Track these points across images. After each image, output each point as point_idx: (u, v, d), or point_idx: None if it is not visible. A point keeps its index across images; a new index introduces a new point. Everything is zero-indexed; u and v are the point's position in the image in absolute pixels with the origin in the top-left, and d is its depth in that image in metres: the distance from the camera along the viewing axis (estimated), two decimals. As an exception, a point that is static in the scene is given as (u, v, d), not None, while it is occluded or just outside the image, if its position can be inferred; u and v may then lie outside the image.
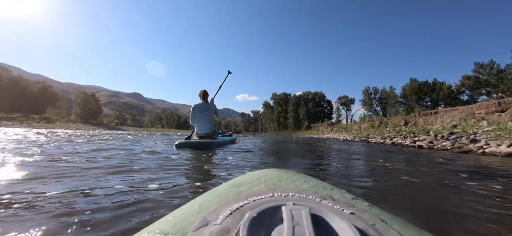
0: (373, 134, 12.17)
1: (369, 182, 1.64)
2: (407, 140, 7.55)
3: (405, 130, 11.04)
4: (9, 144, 3.42)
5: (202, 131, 4.11)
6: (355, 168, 2.27)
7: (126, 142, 5.09)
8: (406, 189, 1.49)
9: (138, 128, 65.51)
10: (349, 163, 2.63)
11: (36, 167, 1.61)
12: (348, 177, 1.78)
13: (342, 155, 3.55)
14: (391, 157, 3.43)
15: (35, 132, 9.26)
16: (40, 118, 38.45)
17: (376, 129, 14.90)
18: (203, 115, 4.12)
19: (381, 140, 8.91)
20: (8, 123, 30.09)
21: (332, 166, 2.41)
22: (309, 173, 1.61)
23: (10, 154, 2.25)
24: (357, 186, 1.45)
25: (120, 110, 76.43)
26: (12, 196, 0.97)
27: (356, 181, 1.62)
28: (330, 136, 19.30)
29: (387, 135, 10.02)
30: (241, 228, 0.26)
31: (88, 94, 56.77)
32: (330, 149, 5.00)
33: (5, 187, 1.12)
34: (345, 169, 2.19)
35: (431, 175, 1.97)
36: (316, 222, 0.27)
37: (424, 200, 1.27)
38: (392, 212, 0.35)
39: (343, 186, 1.32)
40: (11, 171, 1.50)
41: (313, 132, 36.43)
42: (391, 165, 2.57)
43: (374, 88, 50.48)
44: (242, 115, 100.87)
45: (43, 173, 1.41)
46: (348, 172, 2.03)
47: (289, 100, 66.47)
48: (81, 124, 42.88)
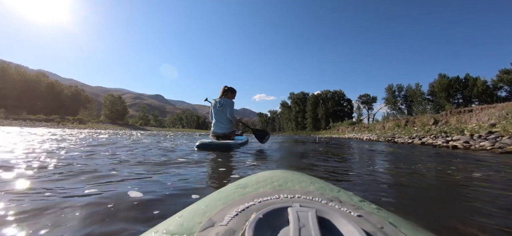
0: (400, 133, 11.63)
1: (423, 195, 1.35)
2: (438, 139, 7.14)
3: (435, 129, 10.41)
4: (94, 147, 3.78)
5: (216, 130, 3.82)
6: (395, 174, 1.97)
7: (167, 142, 5.09)
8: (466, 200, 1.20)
9: (160, 128, 68.35)
10: (385, 167, 2.38)
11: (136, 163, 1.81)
12: (393, 186, 1.51)
13: (374, 157, 3.32)
14: (429, 159, 3.12)
15: (91, 133, 10.06)
16: (74, 119, 41.60)
17: (402, 129, 14.19)
18: (216, 111, 3.81)
19: (409, 140, 8.50)
20: (47, 124, 32.92)
21: (366, 170, 2.11)
22: (341, 180, 1.57)
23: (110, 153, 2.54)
24: (406, 199, 1.21)
25: (144, 111, 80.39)
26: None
27: (403, 194, 1.34)
28: (352, 136, 18.71)
29: (415, 135, 9.53)
30: (247, 229, 0.26)
31: (115, 97, 60.41)
32: (356, 150, 4.87)
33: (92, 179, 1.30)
34: (385, 175, 1.90)
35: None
36: (322, 224, 0.27)
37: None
38: (401, 215, 0.35)
39: (390, 201, 1.13)
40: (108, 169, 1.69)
41: (332, 132, 35.47)
42: (438, 168, 2.27)
43: (398, 85, 47.91)
44: (260, 115, 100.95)
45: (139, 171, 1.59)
46: (389, 179, 1.73)
47: (307, 99, 65.31)
48: (110, 125, 45.75)
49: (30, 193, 0.98)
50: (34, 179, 1.22)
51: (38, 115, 39.36)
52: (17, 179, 1.20)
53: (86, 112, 53.65)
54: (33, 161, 1.79)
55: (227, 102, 3.81)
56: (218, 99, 3.85)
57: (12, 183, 1.13)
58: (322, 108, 60.32)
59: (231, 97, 3.94)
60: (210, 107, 3.95)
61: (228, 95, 3.91)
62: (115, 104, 58.47)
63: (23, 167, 1.53)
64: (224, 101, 3.79)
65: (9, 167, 1.49)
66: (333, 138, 15.94)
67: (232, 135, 3.89)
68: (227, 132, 3.81)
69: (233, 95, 3.98)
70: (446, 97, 37.86)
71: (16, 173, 1.35)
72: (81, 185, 1.14)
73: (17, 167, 1.51)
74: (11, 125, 25.14)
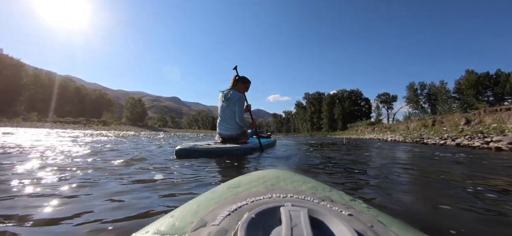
0: (428, 134, 11.04)
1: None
2: (475, 140, 6.67)
3: (469, 129, 9.76)
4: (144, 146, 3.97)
5: (221, 130, 2.95)
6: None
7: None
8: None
9: (177, 129, 70.31)
10: (448, 177, 1.69)
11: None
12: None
13: (419, 162, 2.69)
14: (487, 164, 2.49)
15: (120, 135, 10.58)
16: (98, 122, 43.88)
17: (430, 129, 13.47)
18: (222, 107, 2.95)
19: (440, 141, 8.02)
20: (75, 126, 34.98)
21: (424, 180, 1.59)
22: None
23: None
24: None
25: (162, 113, 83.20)
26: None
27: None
28: (373, 137, 18.04)
29: (446, 135, 8.99)
30: (239, 228, 0.26)
31: (136, 99, 63.06)
32: (388, 152, 4.62)
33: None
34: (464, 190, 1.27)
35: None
36: (314, 224, 0.27)
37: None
38: (391, 213, 0.35)
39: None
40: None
41: (350, 133, 34.45)
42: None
43: (421, 83, 45.68)
44: (274, 116, 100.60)
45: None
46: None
47: (323, 99, 64.11)
48: (131, 126, 47.78)
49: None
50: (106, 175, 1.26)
51: (67, 118, 41.98)
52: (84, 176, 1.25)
53: (109, 114, 56.50)
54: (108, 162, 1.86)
55: (235, 97, 2.85)
56: (226, 90, 2.95)
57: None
58: (339, 108, 58.89)
59: (242, 89, 3.01)
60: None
61: (237, 86, 2.98)
62: (135, 107, 61.05)
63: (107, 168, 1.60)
64: (232, 95, 2.86)
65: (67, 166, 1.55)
66: (360, 139, 15.45)
67: (242, 137, 2.97)
68: (234, 134, 2.90)
69: (244, 87, 3.05)
70: (475, 94, 35.49)
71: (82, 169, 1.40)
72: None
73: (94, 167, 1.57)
74: (44, 127, 26.98)
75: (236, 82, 3.02)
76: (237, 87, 2.99)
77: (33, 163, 1.61)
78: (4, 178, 1.17)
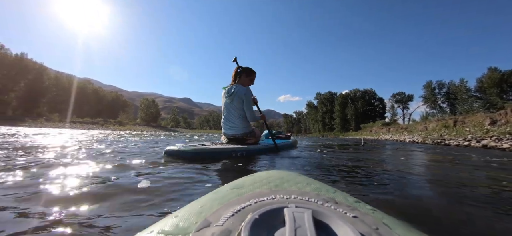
0: (449, 135, 10.57)
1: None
2: (503, 142, 6.31)
3: (496, 130, 9.25)
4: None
5: (226, 130, 2.64)
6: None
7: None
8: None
9: (189, 129, 71.49)
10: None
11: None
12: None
13: (449, 166, 2.42)
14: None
15: (149, 135, 10.93)
16: (115, 122, 45.48)
17: (451, 129, 12.89)
18: (226, 104, 2.63)
19: (464, 142, 7.66)
20: (93, 126, 36.45)
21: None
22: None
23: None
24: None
25: (174, 114, 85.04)
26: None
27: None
28: (389, 138, 17.51)
29: (470, 136, 8.57)
30: (243, 229, 0.26)
31: (150, 100, 64.84)
32: (411, 154, 4.42)
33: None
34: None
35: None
36: (318, 225, 0.27)
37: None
38: (396, 216, 0.34)
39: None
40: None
41: (364, 133, 33.61)
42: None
43: (439, 81, 43.81)
44: (285, 116, 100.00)
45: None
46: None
47: (335, 99, 62.99)
48: (145, 126, 49.16)
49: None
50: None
51: (86, 118, 43.85)
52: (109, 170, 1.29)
53: (124, 115, 58.49)
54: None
55: (240, 91, 2.52)
56: (229, 86, 2.65)
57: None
58: (351, 108, 57.64)
59: (247, 82, 2.68)
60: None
61: (241, 79, 2.65)
62: (149, 108, 62.81)
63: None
64: (236, 89, 2.53)
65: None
66: (376, 140, 15.04)
67: (249, 137, 2.64)
68: (239, 134, 2.58)
69: (249, 79, 2.70)
70: (499, 93, 33.56)
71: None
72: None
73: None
74: (65, 127, 28.30)
75: (238, 75, 2.66)
76: (240, 80, 2.64)
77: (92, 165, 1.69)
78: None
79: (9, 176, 1.20)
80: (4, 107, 38.72)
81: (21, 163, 1.55)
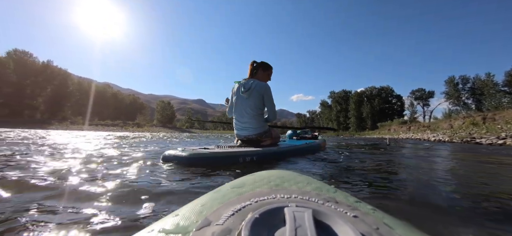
0: (479, 133, 9.93)
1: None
2: (545, 140, 5.82)
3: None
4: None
5: (240, 131, 2.38)
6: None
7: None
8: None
9: (203, 130, 72.71)
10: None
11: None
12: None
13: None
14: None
15: (174, 136, 11.29)
16: (133, 124, 47.21)
17: (480, 127, 12.12)
18: (239, 100, 2.35)
19: (498, 141, 7.16)
20: (113, 128, 38.03)
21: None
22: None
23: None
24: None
25: (189, 115, 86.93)
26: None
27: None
28: (410, 137, 16.78)
29: (504, 134, 8.00)
30: (243, 228, 0.26)
31: (165, 102, 66.73)
32: (446, 154, 4.18)
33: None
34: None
35: None
36: (318, 225, 0.27)
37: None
38: (397, 215, 0.34)
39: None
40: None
41: (382, 132, 32.45)
42: None
43: (462, 76, 41.39)
44: (298, 116, 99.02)
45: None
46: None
47: (350, 97, 61.40)
48: (161, 128, 50.59)
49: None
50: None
51: (106, 120, 45.85)
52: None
53: (141, 117, 60.61)
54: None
55: (260, 87, 2.28)
56: (245, 80, 2.39)
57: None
58: (367, 107, 55.92)
59: (264, 77, 2.45)
60: (231, 94, 2.51)
61: (258, 74, 2.42)
62: (165, 110, 64.68)
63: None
64: (254, 84, 2.28)
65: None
66: (398, 139, 14.47)
67: (265, 138, 2.36)
68: (253, 134, 2.32)
69: (266, 74, 2.47)
70: (530, 87, 31.15)
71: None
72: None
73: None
74: (88, 129, 29.76)
75: (255, 70, 2.41)
76: (257, 75, 2.41)
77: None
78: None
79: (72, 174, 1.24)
80: (33, 111, 41.47)
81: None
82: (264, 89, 2.29)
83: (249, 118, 2.30)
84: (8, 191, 0.96)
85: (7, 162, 1.68)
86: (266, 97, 2.31)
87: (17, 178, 1.17)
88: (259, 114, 2.33)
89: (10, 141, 4.09)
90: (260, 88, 2.28)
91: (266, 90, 2.30)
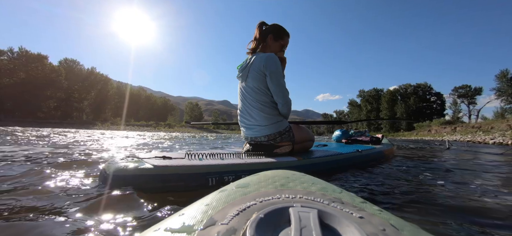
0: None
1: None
2: None
3: None
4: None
5: (247, 132, 1.61)
6: None
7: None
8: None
9: (230, 131, 74.32)
10: None
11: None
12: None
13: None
14: None
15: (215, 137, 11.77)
16: (165, 124, 50.00)
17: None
18: (241, 90, 1.62)
19: None
20: (147, 129, 40.63)
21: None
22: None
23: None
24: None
25: (215, 116, 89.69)
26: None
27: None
28: (458, 139, 15.10)
29: None
30: (248, 228, 0.26)
31: (193, 104, 69.67)
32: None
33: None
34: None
35: None
36: (324, 225, 0.27)
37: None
38: (404, 217, 0.33)
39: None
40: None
41: (421, 133, 29.79)
42: None
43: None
44: (324, 116, 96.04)
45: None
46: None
47: (382, 96, 57.67)
48: (190, 128, 52.85)
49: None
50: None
51: (141, 122, 49.31)
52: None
53: (172, 118, 64.07)
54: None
55: (257, 61, 1.48)
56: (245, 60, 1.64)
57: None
58: (402, 106, 52.01)
59: (275, 47, 1.63)
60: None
61: (266, 45, 1.61)
62: (193, 110, 67.60)
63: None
64: (253, 61, 1.50)
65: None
66: (426, 141, 13.19)
67: (283, 143, 1.54)
68: (262, 136, 1.53)
69: (278, 43, 1.63)
70: None
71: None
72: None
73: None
74: (125, 129, 32.18)
75: (263, 37, 1.59)
76: (264, 47, 1.60)
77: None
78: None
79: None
80: (80, 113, 46.26)
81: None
82: (264, 61, 1.44)
83: (254, 112, 1.51)
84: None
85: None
86: (269, 76, 1.44)
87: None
88: (266, 103, 1.49)
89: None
90: (259, 61, 1.45)
91: (268, 62, 1.43)
